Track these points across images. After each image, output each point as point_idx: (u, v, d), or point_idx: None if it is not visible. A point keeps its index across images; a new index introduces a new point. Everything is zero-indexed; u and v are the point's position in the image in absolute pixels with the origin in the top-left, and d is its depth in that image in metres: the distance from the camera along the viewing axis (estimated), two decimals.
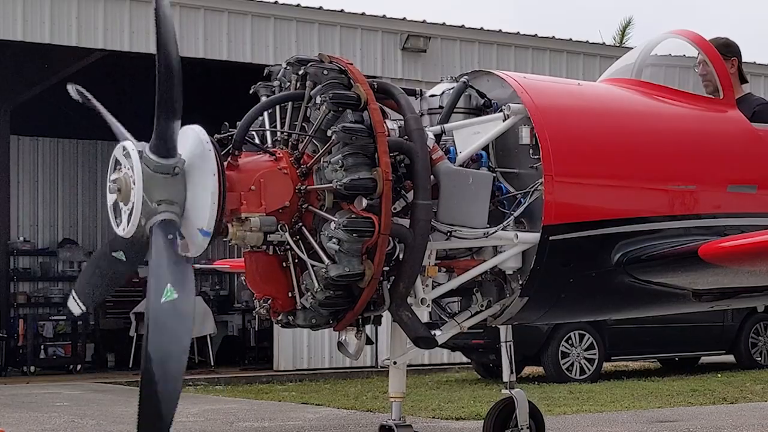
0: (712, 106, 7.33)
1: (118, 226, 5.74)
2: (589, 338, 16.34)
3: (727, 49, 7.65)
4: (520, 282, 6.44)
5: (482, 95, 6.63)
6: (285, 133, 6.27)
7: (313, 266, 6.01)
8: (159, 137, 5.53)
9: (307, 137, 6.10)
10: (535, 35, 20.82)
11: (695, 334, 17.35)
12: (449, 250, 6.43)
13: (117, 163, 5.70)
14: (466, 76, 6.70)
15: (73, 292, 6.86)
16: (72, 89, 6.47)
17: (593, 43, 22.11)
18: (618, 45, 29.71)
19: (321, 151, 6.00)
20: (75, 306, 6.82)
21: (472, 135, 6.44)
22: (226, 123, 6.25)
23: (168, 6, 5.44)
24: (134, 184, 5.56)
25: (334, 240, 5.86)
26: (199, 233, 5.61)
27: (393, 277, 6.11)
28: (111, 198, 5.73)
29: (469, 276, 6.45)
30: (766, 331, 18.06)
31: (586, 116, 6.80)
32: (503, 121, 6.41)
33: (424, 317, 6.51)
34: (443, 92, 6.66)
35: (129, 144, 5.67)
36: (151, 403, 5.09)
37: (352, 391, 15.42)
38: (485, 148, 6.47)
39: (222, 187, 5.60)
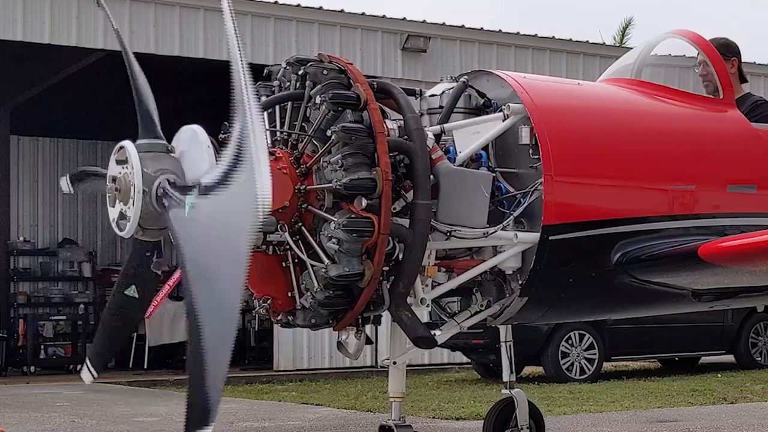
0: (712, 106, 7.33)
1: (122, 230, 5.53)
2: (589, 338, 16.33)
3: (726, 49, 7.65)
4: (520, 282, 6.43)
5: (482, 95, 6.63)
6: (285, 133, 6.27)
7: (312, 266, 6.01)
8: (145, 126, 5.55)
9: (307, 137, 6.10)
10: (535, 35, 20.81)
11: (695, 334, 17.35)
12: (449, 250, 6.42)
13: (113, 178, 5.58)
14: (465, 76, 6.70)
15: (87, 360, 6.47)
16: (64, 183, 6.38)
17: (593, 43, 22.11)
18: (618, 45, 29.72)
19: (321, 151, 6.00)
20: (87, 374, 6.42)
21: (472, 135, 6.44)
22: (226, 123, 6.23)
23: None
24: (132, 169, 5.33)
25: (333, 240, 5.85)
26: None
27: (393, 277, 6.10)
28: (113, 211, 5.47)
29: (469, 276, 6.45)
30: (766, 331, 18.05)
31: (585, 116, 6.80)
32: (503, 120, 6.40)
33: (424, 317, 6.51)
34: (443, 92, 6.66)
35: (124, 142, 5.63)
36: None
37: (352, 391, 15.42)
38: (485, 148, 6.47)
39: None
